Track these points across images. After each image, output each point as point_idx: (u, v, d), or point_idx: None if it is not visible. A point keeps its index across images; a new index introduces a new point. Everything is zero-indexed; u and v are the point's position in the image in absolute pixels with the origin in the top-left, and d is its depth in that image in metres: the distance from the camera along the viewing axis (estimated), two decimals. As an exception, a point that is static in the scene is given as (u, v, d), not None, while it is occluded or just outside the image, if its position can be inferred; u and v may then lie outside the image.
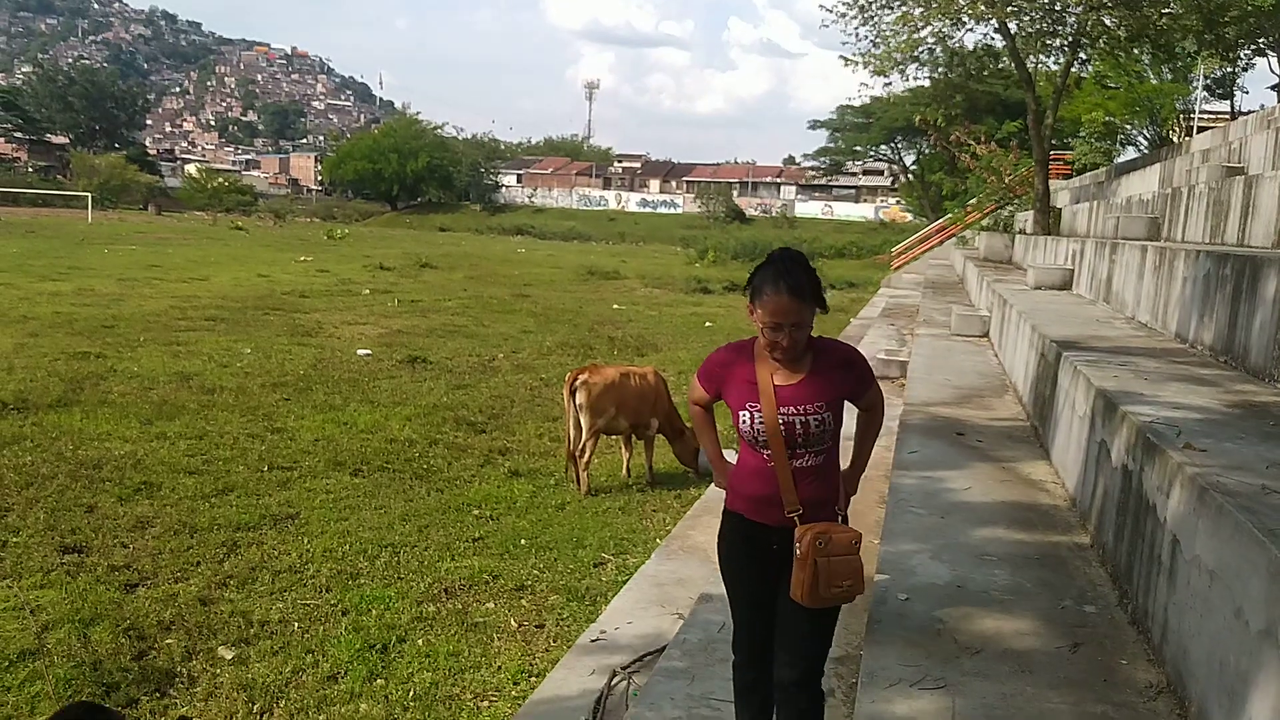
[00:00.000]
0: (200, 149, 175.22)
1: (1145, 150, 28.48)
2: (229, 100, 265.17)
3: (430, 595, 5.22)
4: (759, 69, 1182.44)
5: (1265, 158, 10.96)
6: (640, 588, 4.91)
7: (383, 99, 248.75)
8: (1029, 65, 16.46)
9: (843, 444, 2.81)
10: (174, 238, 39.44)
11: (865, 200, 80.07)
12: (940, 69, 22.80)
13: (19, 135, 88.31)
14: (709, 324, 18.38)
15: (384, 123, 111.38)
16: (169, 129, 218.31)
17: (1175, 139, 27.17)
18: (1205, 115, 28.32)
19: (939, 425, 5.39)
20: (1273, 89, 30.04)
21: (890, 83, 18.08)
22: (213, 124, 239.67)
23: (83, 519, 6.03)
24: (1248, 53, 23.55)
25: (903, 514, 3.88)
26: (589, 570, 5.70)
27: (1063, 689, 2.56)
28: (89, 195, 59.61)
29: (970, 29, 16.27)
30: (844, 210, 77.53)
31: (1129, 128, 30.66)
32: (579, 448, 7.20)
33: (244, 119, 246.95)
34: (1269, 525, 2.16)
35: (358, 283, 23.26)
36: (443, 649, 4.59)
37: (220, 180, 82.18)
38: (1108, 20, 15.31)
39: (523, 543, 6.07)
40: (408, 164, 79.33)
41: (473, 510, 6.66)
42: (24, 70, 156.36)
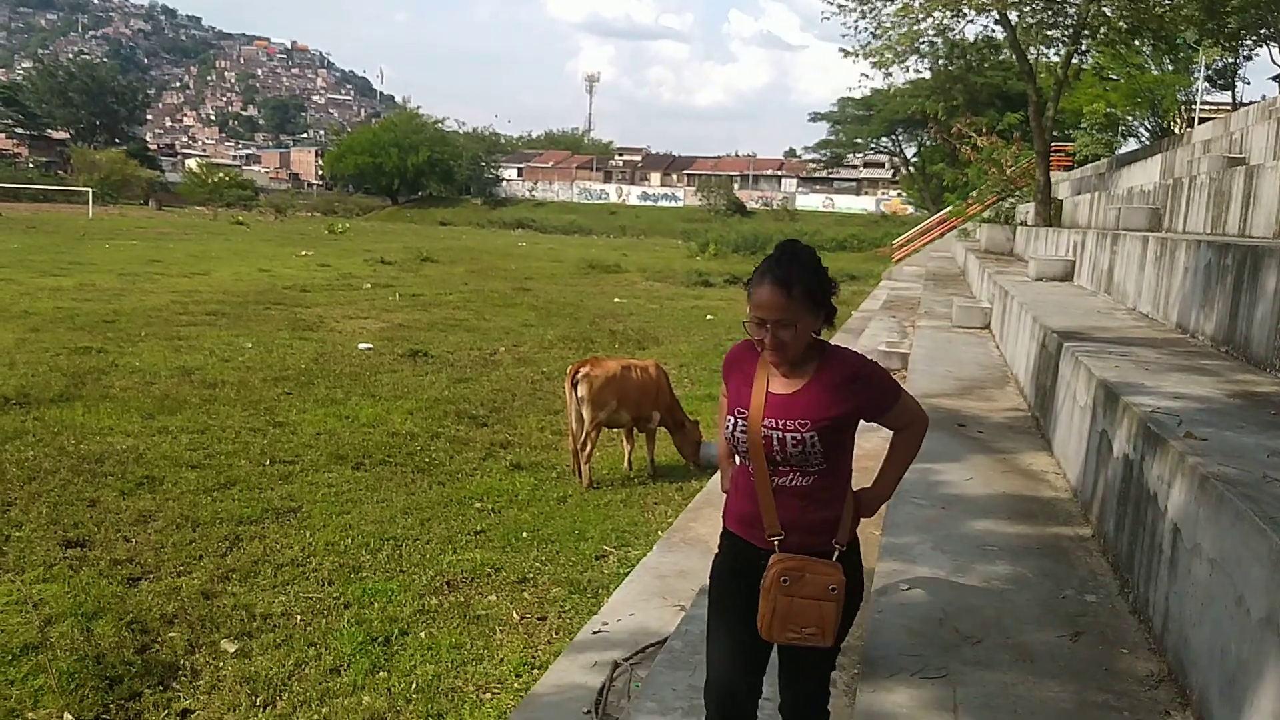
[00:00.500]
0: (201, 144, 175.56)
1: (1147, 141, 28.45)
2: (229, 95, 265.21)
3: (432, 588, 5.23)
4: (759, 62, 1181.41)
5: (1266, 148, 10.93)
6: (642, 580, 4.91)
7: (383, 93, 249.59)
8: (1030, 56, 16.42)
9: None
10: (175, 233, 39.49)
11: (866, 193, 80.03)
12: (941, 61, 22.81)
13: (19, 131, 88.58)
14: (710, 317, 18.37)
15: (384, 117, 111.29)
16: (169, 124, 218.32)
17: (1177, 130, 27.12)
18: (1207, 106, 28.30)
19: (940, 416, 5.38)
20: (1274, 79, 29.94)
21: (891, 74, 18.10)
22: (213, 119, 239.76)
23: (85, 513, 6.04)
24: (1249, 43, 23.49)
25: (904, 505, 3.87)
26: (591, 563, 5.70)
27: (1064, 678, 2.56)
28: (89, 190, 59.77)
29: (971, 20, 16.29)
30: (845, 203, 77.48)
31: (1130, 119, 30.65)
32: (581, 441, 7.21)
33: (244, 113, 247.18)
34: (1270, 513, 2.16)
35: (359, 277, 23.26)
36: (445, 641, 4.60)
37: (221, 175, 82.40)
38: (1108, 10, 15.28)
39: (525, 535, 6.08)
40: (408, 158, 79.33)
41: (475, 503, 6.66)
42: (24, 66, 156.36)
